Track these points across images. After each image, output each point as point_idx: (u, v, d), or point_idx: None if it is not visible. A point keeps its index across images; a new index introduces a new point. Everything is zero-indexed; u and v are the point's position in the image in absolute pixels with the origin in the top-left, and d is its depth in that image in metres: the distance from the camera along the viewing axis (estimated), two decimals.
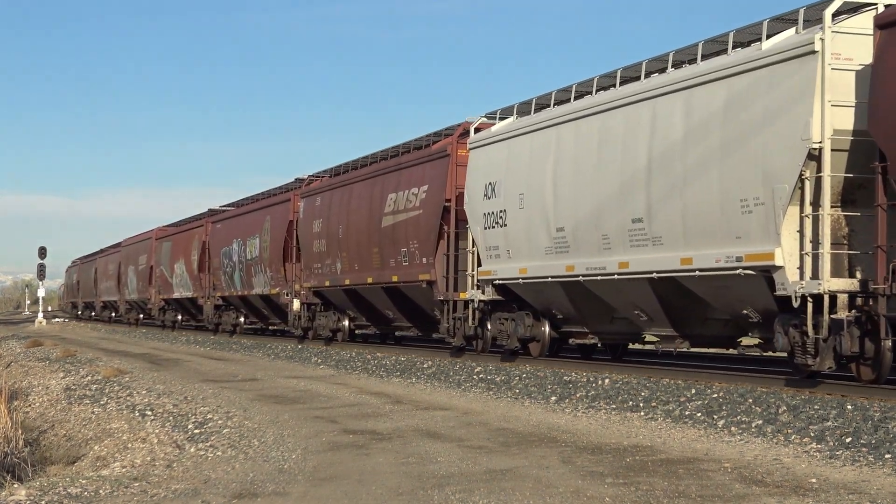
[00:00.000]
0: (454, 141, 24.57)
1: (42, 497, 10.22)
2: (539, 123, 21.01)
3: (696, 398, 15.37)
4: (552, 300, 21.03)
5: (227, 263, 42.08)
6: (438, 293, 24.64)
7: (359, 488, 10.10)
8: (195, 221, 49.34)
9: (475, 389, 19.20)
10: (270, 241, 36.53)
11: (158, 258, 54.32)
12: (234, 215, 43.08)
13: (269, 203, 38.31)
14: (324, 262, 31.66)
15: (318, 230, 32.11)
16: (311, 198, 33.23)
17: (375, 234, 27.98)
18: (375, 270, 27.99)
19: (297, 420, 15.37)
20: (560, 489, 9.75)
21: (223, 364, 28.49)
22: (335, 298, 31.99)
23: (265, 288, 37.21)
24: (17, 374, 29.58)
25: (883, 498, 9.11)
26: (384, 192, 27.72)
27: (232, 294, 41.88)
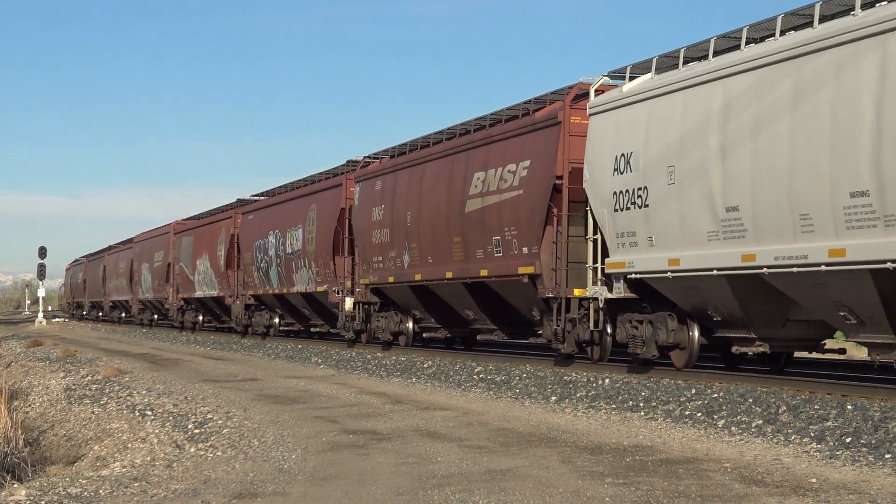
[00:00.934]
0: (566, 106, 20.40)
1: (42, 497, 10.22)
2: (696, 77, 16.90)
3: (696, 398, 15.37)
4: (710, 298, 17.08)
5: (261, 258, 37.70)
6: (544, 290, 20.62)
7: (359, 488, 10.10)
8: (221, 213, 44.74)
9: (475, 389, 19.20)
10: (317, 233, 32.42)
11: (177, 254, 49.80)
12: (271, 204, 38.17)
13: (315, 189, 33.71)
14: (386, 254, 27.46)
15: (379, 218, 27.78)
16: (370, 181, 28.78)
17: (457, 221, 23.75)
18: (457, 264, 23.84)
19: (297, 420, 15.37)
20: (560, 489, 9.75)
21: (223, 364, 28.49)
22: (399, 297, 27.68)
23: (309, 285, 32.99)
24: (17, 373, 29.57)
25: (883, 498, 9.11)
26: (468, 171, 23.52)
27: (267, 292, 37.49)
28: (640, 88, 18.28)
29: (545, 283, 20.59)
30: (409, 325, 27.87)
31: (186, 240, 48.57)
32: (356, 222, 29.46)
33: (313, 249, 32.44)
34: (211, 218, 46.06)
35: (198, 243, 46.46)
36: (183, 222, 51.47)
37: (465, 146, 24.12)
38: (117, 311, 69.65)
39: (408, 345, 27.74)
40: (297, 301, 35.42)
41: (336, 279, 30.72)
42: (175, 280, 50.03)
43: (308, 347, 32.14)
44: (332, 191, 32.07)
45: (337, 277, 30.68)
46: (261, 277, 37.78)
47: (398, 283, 26.80)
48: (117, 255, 68.37)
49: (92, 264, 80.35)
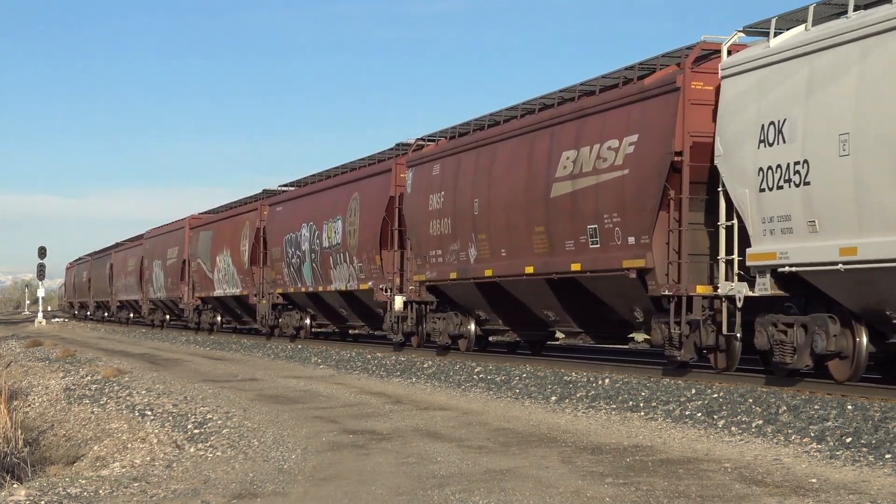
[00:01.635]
0: (686, 69, 17.26)
1: (42, 497, 10.21)
2: (883, 22, 13.73)
3: (696, 398, 15.37)
4: (893, 296, 14.09)
5: (292, 254, 34.37)
6: (657, 286, 17.54)
7: (359, 488, 10.10)
8: (245, 205, 41.55)
9: (475, 389, 19.20)
10: (360, 224, 29.14)
11: (194, 250, 46.49)
12: (304, 195, 34.75)
13: (358, 177, 30.42)
14: (447, 247, 24.23)
15: (438, 207, 24.51)
16: (425, 166, 25.40)
17: (540, 208, 20.57)
18: (539, 257, 20.73)
19: (296, 420, 15.36)
20: (560, 489, 9.74)
21: (223, 364, 28.49)
22: (461, 295, 24.47)
23: (350, 282, 29.85)
24: (17, 373, 29.57)
25: (883, 498, 9.11)
26: (554, 150, 20.26)
27: (298, 291, 34.06)
28: (796, 42, 15.21)
29: (657, 279, 17.53)
30: (471, 327, 24.72)
31: (204, 235, 45.41)
32: (408, 212, 26.25)
33: (356, 243, 29.31)
34: (233, 211, 43.01)
35: (218, 238, 43.30)
36: (199, 216, 48.44)
37: (549, 122, 20.80)
38: (125, 311, 66.36)
39: (468, 349, 24.75)
40: (333, 300, 32.32)
41: (383, 276, 27.68)
42: (191, 278, 46.97)
43: (308, 347, 32.13)
44: (378, 178, 28.72)
45: (384, 274, 27.66)
46: (291, 274, 34.56)
47: (462, 280, 23.71)
48: (125, 252, 65.02)
49: (97, 262, 77.00)
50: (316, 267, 32.36)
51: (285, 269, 35.14)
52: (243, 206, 42.08)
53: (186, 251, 47.65)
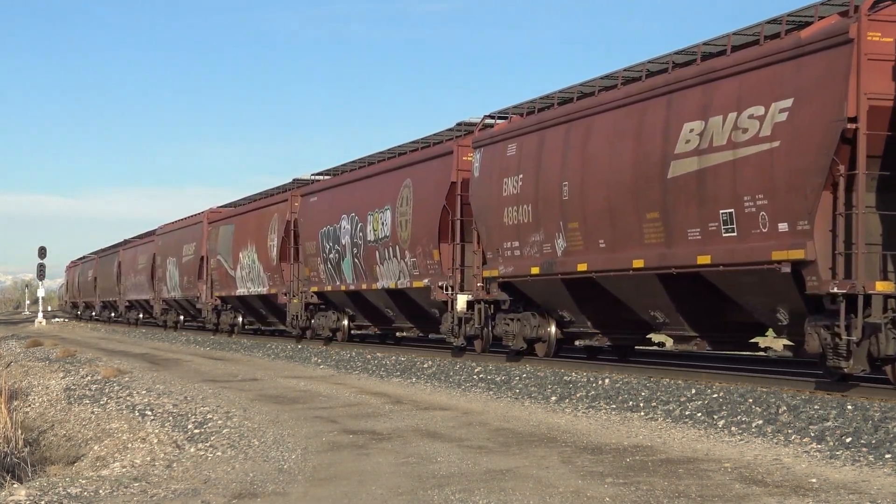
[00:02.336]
0: (862, 16, 14.24)
1: (42, 497, 10.21)
2: None
3: (696, 398, 15.37)
4: None
5: (329, 248, 31.11)
6: (819, 283, 14.59)
7: (359, 488, 10.10)
8: (273, 196, 37.96)
9: (475, 389, 19.20)
10: (413, 214, 25.98)
11: (213, 246, 43.13)
12: (344, 183, 31.33)
13: (411, 161, 27.08)
14: (526, 238, 21.08)
15: (515, 192, 21.39)
16: (497, 146, 22.24)
17: (653, 191, 17.50)
18: (651, 248, 17.70)
19: (296, 420, 15.37)
20: (560, 489, 9.75)
21: (223, 364, 28.48)
22: (542, 293, 21.47)
23: (401, 279, 26.73)
24: (17, 374, 29.57)
25: (883, 498, 9.11)
26: (672, 121, 17.19)
27: (337, 289, 30.83)
28: None
29: (820, 274, 14.60)
30: (552, 329, 21.84)
31: (225, 229, 41.92)
32: (475, 199, 22.99)
33: (408, 235, 26.16)
34: (258, 203, 39.20)
35: (241, 233, 39.80)
36: (219, 210, 45.22)
37: (664, 88, 17.69)
38: (134, 311, 62.80)
39: (548, 355, 21.90)
40: (378, 299, 29.18)
41: (442, 272, 24.56)
42: (209, 276, 43.65)
43: (308, 347, 32.12)
44: (436, 162, 25.48)
45: (443, 270, 24.53)
46: (328, 271, 31.32)
47: (546, 276, 20.55)
48: (135, 249, 61.25)
49: (104, 261, 73.05)
50: (358, 263, 29.25)
51: (321, 265, 31.85)
52: (271, 197, 38.26)
53: (205, 247, 44.53)
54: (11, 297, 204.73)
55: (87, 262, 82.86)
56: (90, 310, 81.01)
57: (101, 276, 73.58)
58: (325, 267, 31.62)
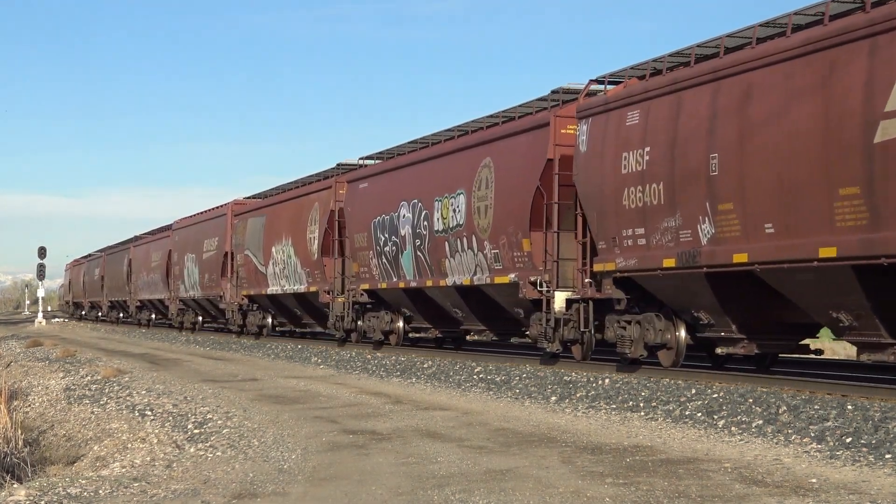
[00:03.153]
0: None
1: (42, 497, 10.21)
2: None
3: (697, 398, 15.37)
4: None
5: (385, 240, 27.47)
6: None
7: (359, 488, 10.10)
8: (313, 183, 33.71)
9: (475, 389, 19.20)
10: (495, 199, 22.33)
11: (240, 241, 39.40)
12: (403, 166, 27.41)
13: (492, 137, 23.11)
14: (654, 224, 17.45)
15: (639, 168, 17.81)
16: (612, 114, 18.68)
17: (851, 160, 13.97)
18: (848, 233, 14.06)
19: (296, 420, 15.36)
20: (560, 489, 9.74)
21: (223, 364, 28.48)
22: (675, 290, 17.66)
23: (478, 274, 23.04)
24: (17, 374, 29.58)
25: (883, 498, 9.11)
26: (879, 74, 13.66)
27: (394, 286, 27.03)
28: None
29: None
30: (681, 333, 18.13)
31: (255, 222, 38.23)
32: (584, 178, 19.35)
33: (488, 223, 22.51)
34: (295, 192, 35.08)
35: (274, 225, 36.03)
36: (245, 201, 41.51)
37: (864, 30, 14.07)
38: (146, 311, 58.88)
39: (675, 364, 18.26)
40: (445, 297, 25.31)
41: (533, 265, 21.01)
42: (235, 273, 39.86)
43: (308, 347, 32.09)
44: (526, 136, 21.72)
45: (535, 262, 20.97)
46: (383, 266, 27.69)
47: (685, 270, 16.98)
48: (147, 246, 57.25)
49: (112, 258, 68.78)
50: (422, 256, 25.51)
51: (374, 259, 28.18)
52: (310, 185, 34.06)
53: (229, 242, 40.87)
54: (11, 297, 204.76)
55: (94, 259, 78.50)
56: (96, 310, 76.98)
57: (109, 275, 69.55)
58: (378, 262, 27.94)
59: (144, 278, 57.07)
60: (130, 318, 63.06)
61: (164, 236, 52.83)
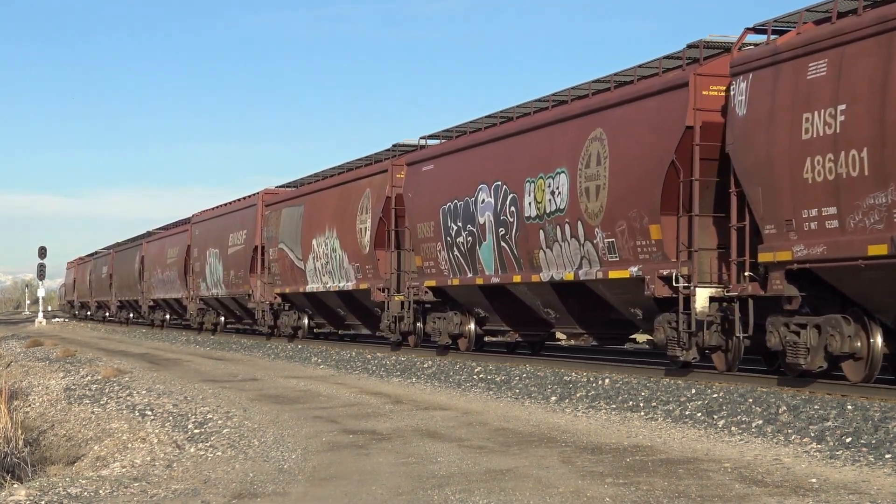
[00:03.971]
0: None
1: (42, 497, 10.22)
2: None
3: (696, 398, 15.37)
4: None
5: (458, 230, 23.76)
6: None
7: (359, 488, 10.10)
8: (364, 167, 29.95)
9: (475, 389, 19.20)
10: (611, 177, 18.60)
11: (273, 233, 35.53)
12: (481, 143, 23.50)
13: (602, 104, 19.35)
14: (852, 202, 14.06)
15: (826, 131, 14.34)
16: (784, 67, 15.30)
17: None
18: None
19: (296, 420, 15.37)
20: (560, 489, 9.75)
21: (223, 364, 28.49)
22: (871, 286, 14.32)
23: (583, 268, 19.51)
24: (17, 373, 29.59)
25: (883, 498, 9.11)
26: None
27: (468, 282, 23.46)
28: None
29: None
30: (876, 340, 14.64)
31: (290, 212, 34.26)
32: (742, 147, 15.95)
33: (600, 207, 18.91)
34: (342, 177, 31.27)
35: (315, 215, 32.16)
36: (277, 190, 37.74)
37: None
38: (160, 311, 55.29)
39: (868, 380, 14.79)
40: (536, 295, 21.68)
41: (664, 256, 17.64)
42: (268, 269, 36.08)
43: (308, 347, 32.08)
44: (651, 102, 18.20)
45: (665, 253, 17.61)
46: (455, 260, 24.05)
47: None
48: (162, 241, 53.37)
49: (122, 255, 64.70)
50: (507, 247, 21.90)
51: (443, 252, 24.52)
52: (359, 169, 30.24)
53: (259, 235, 36.96)
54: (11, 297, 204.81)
55: (101, 257, 74.07)
56: (104, 310, 72.52)
57: (118, 273, 65.22)
58: (448, 254, 24.23)
59: (159, 276, 53.24)
60: (142, 319, 59.73)
61: (182, 230, 49.05)
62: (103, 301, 72.03)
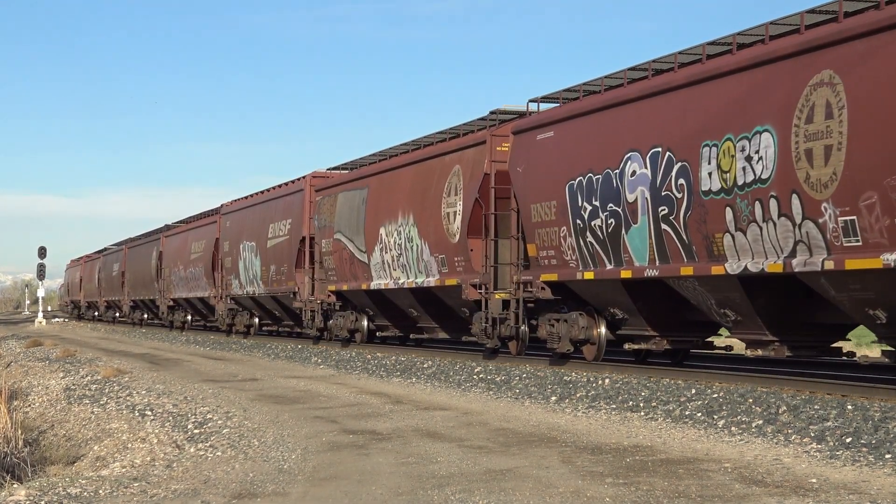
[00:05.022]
0: None
1: (42, 497, 10.22)
2: None
3: (696, 398, 15.37)
4: None
5: (589, 212, 19.06)
6: None
7: (359, 488, 10.10)
8: (450, 141, 25.25)
9: (475, 389, 19.20)
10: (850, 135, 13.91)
11: (326, 222, 30.87)
12: (625, 100, 18.55)
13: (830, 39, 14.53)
14: None
15: None
16: None
17: None
18: None
19: (296, 420, 15.37)
20: (560, 489, 9.75)
21: (223, 364, 28.48)
22: None
23: (799, 256, 14.89)
24: (17, 373, 29.60)
25: (883, 498, 9.11)
26: None
27: (605, 276, 18.83)
28: None
29: None
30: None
31: (350, 197, 29.51)
32: None
33: (830, 175, 14.21)
34: (419, 153, 26.48)
35: (382, 199, 27.52)
36: (328, 173, 32.94)
37: None
38: (181, 312, 50.58)
39: None
40: (709, 292, 17.02)
41: None
42: (319, 263, 31.57)
43: (308, 347, 32.05)
44: None
45: None
46: (587, 247, 19.25)
47: None
48: (185, 234, 48.57)
49: (136, 252, 59.74)
50: (672, 231, 17.21)
51: (569, 238, 19.75)
52: (445, 142, 25.52)
53: (308, 224, 32.54)
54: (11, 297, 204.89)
55: (111, 254, 69.47)
56: (113, 310, 68.44)
57: (131, 270, 60.24)
58: (577, 241, 19.52)
59: (180, 273, 48.32)
60: (159, 320, 55.30)
61: (209, 222, 44.41)
62: (114, 301, 67.67)
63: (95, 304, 76.62)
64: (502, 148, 22.38)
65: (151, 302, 55.77)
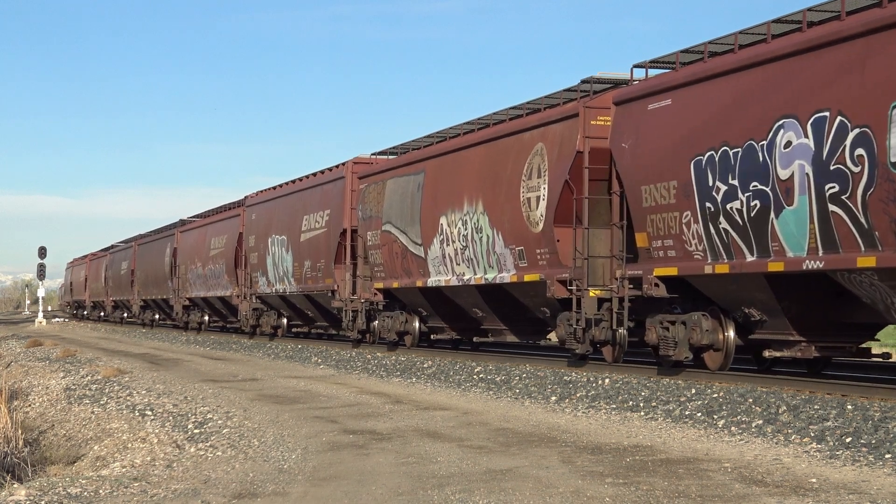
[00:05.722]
0: None
1: (42, 497, 10.22)
2: None
3: (696, 398, 15.38)
4: None
5: (723, 192, 15.96)
6: None
7: (359, 488, 10.10)
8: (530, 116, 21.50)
9: (475, 389, 19.20)
10: None
11: (371, 212, 27.73)
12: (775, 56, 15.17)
13: None
14: None
15: None
16: None
17: None
18: None
19: (296, 420, 15.37)
20: (560, 489, 9.75)
21: (223, 364, 28.48)
22: None
23: None
24: (17, 373, 29.60)
25: (883, 498, 9.11)
26: None
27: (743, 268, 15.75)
28: None
29: None
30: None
31: (402, 183, 26.31)
32: None
33: None
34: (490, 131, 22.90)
35: (444, 185, 24.28)
36: (373, 158, 29.65)
37: None
38: (197, 312, 47.09)
39: None
40: (887, 290, 13.93)
41: None
42: (364, 258, 28.45)
43: (308, 347, 32.06)
44: None
45: None
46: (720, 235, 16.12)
47: None
48: (203, 229, 44.98)
49: (147, 248, 56.02)
50: (841, 212, 13.97)
51: (694, 225, 16.58)
52: (522, 118, 21.80)
53: (349, 215, 29.13)
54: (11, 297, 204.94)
55: (119, 251, 65.60)
56: (121, 310, 65.24)
57: (142, 268, 56.34)
58: (706, 228, 16.39)
59: (198, 270, 44.49)
60: (172, 321, 51.63)
61: (232, 215, 40.91)
62: (122, 300, 63.45)
63: (101, 303, 72.99)
64: (598, 122, 19.31)
65: (164, 301, 52.03)
